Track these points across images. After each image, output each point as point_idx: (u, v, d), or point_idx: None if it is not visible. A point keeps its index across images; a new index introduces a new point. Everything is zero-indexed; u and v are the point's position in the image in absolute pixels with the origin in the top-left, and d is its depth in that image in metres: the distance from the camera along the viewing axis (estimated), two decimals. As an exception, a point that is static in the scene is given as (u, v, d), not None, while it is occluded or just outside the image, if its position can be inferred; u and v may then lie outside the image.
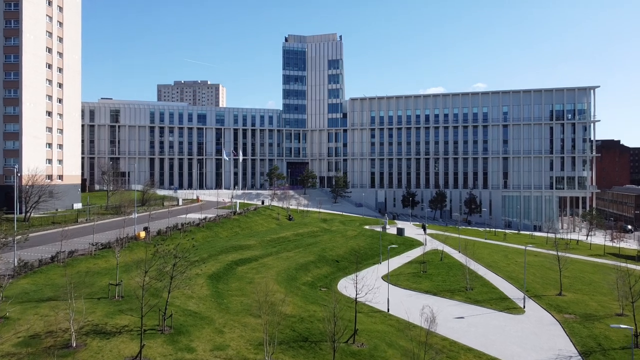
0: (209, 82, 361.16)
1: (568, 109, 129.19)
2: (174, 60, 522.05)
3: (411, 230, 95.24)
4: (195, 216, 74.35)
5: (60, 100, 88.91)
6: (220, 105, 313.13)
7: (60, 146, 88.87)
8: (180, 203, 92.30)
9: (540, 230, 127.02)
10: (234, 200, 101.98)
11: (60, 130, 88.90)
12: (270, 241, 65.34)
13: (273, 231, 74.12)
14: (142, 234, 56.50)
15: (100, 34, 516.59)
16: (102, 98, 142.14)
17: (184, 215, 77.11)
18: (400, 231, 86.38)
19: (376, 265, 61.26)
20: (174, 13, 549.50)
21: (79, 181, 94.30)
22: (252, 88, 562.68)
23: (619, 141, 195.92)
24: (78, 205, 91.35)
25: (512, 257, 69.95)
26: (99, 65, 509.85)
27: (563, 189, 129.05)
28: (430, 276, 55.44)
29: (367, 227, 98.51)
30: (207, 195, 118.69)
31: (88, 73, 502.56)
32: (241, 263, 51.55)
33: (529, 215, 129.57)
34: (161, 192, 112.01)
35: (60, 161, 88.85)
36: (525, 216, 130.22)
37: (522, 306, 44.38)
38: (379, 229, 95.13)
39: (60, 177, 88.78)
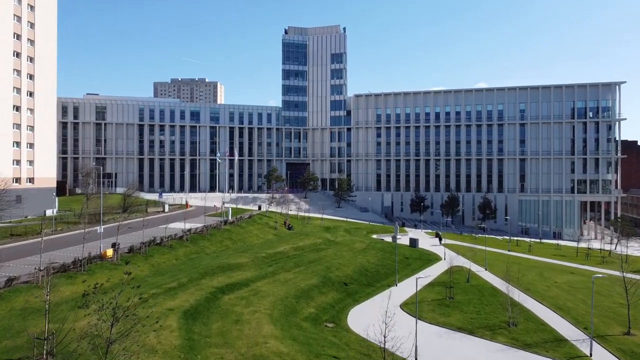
0: (206, 80, 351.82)
1: (591, 107, 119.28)
2: (170, 59, 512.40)
3: (425, 240, 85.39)
4: (180, 226, 64.50)
5: (31, 94, 79.05)
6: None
7: (31, 145, 79.01)
8: (167, 209, 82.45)
9: (560, 237, 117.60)
10: (227, 206, 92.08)
11: (31, 128, 79.04)
12: (266, 258, 55.45)
13: (269, 244, 64.23)
14: (109, 252, 46.60)
15: (94, 31, 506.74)
16: (87, 94, 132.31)
17: (168, 226, 67.18)
18: (413, 242, 76.58)
19: (391, 289, 51.32)
20: (169, 7, 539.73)
21: (53, 184, 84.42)
22: (252, 87, 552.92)
23: (636, 142, 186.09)
24: (51, 212, 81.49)
25: (548, 275, 60.02)
26: (94, 63, 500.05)
27: (585, 192, 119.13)
28: (459, 305, 45.53)
29: (375, 236, 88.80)
30: (199, 199, 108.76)
31: (83, 71, 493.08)
32: (228, 290, 41.67)
33: (548, 221, 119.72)
34: (148, 196, 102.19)
35: (31, 162, 79.00)
36: (544, 222, 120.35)
37: (587, 353, 34.47)
38: (388, 238, 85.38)
39: (31, 180, 78.95)
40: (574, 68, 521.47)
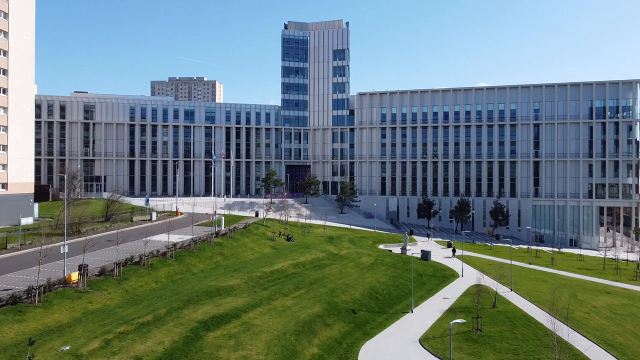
0: (205, 79, 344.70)
1: (610, 106, 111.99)
2: (168, 57, 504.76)
3: (437, 250, 78.17)
4: (165, 239, 57.28)
5: (4, 91, 71.83)
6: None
7: (4, 147, 71.79)
8: (154, 218, 75.16)
9: (577, 245, 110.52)
10: (220, 213, 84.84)
11: (5, 128, 71.81)
12: (261, 278, 48.24)
13: (266, 260, 56.99)
14: (74, 277, 39.36)
15: (92, 30, 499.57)
16: (75, 91, 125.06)
17: (152, 238, 59.94)
18: (425, 255, 69.29)
19: (406, 316, 44.17)
20: (166, 4, 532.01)
21: (31, 190, 77.17)
22: (252, 87, 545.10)
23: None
24: (28, 220, 74.29)
25: (583, 297, 52.76)
26: (92, 63, 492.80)
27: (604, 197, 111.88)
28: (489, 340, 38.35)
29: (382, 246, 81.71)
30: (192, 205, 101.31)
31: (79, 70, 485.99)
32: (214, 325, 34.49)
33: (564, 228, 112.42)
34: (137, 201, 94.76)
35: (4, 166, 71.78)
36: (559, 229, 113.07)
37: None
38: (396, 249, 78.27)
39: (4, 185, 71.73)
40: (591, 66, 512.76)
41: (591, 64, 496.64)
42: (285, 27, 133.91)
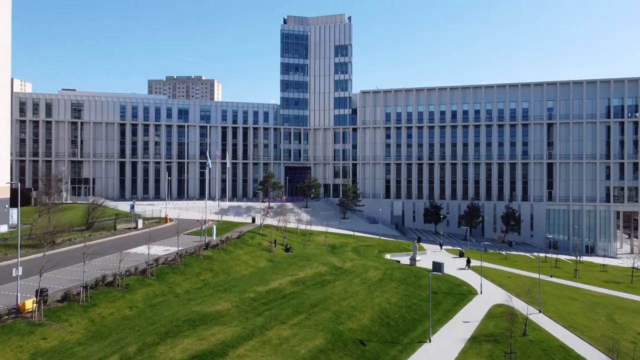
0: (203, 78, 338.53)
1: (629, 104, 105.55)
2: (166, 56, 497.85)
3: (448, 261, 71.77)
4: (152, 249, 50.82)
5: (-25, 86, 65.48)
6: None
7: (-25, 148, 65.45)
8: (141, 225, 68.69)
9: (593, 252, 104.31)
10: (213, 220, 78.51)
11: (-25, 127, 65.46)
12: (255, 300, 41.84)
13: (261, 276, 50.58)
14: (29, 304, 32.94)
15: (88, 28, 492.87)
16: (63, 89, 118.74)
17: (133, 251, 53.61)
18: (437, 267, 62.75)
19: (424, 347, 37.82)
20: (162, 1, 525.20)
21: (6, 195, 70.78)
22: (252, 87, 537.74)
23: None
24: (3, 228, 67.94)
25: (622, 321, 46.39)
26: (89, 62, 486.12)
27: (622, 202, 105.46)
28: (527, 382, 32.00)
29: (388, 256, 75.43)
30: (184, 209, 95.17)
31: (76, 69, 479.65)
32: (194, 368, 28.11)
33: (580, 234, 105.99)
34: (125, 206, 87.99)
35: (-25, 169, 65.43)
36: (574, 234, 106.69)
37: None
38: (405, 259, 72.03)
39: (-25, 190, 65.38)
40: (605, 63, 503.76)
41: (605, 61, 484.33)
42: (285, 21, 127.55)
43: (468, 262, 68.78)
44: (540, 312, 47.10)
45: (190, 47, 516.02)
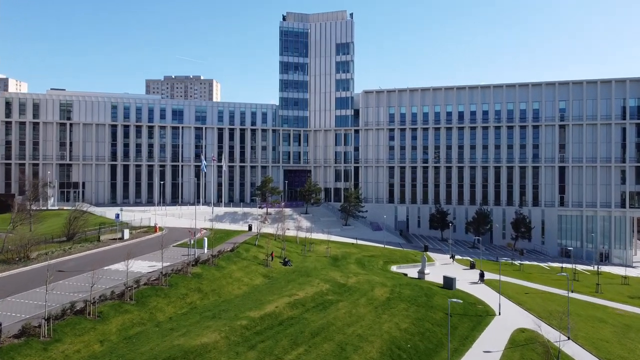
0: (202, 78, 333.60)
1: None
2: (164, 56, 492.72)
3: (460, 273, 66.57)
4: (135, 266, 45.63)
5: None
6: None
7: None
8: (127, 236, 63.47)
9: (608, 260, 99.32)
10: (207, 228, 73.32)
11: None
12: (248, 329, 36.61)
13: (256, 297, 45.35)
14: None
15: (83, 27, 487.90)
16: (52, 88, 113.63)
17: (113, 267, 48.40)
18: (449, 282, 57.92)
19: (443, 387, 32.66)
20: (161, 3, 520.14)
21: (-18, 202, 65.59)
22: (251, 85, 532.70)
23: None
24: (-23, 239, 62.60)
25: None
26: (86, 61, 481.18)
27: (639, 207, 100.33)
28: None
29: (394, 268, 70.28)
30: (177, 217, 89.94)
31: (72, 68, 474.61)
32: None
33: (594, 241, 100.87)
34: (113, 213, 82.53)
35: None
36: (588, 241, 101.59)
37: None
38: (412, 272, 66.93)
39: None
40: (621, 62, 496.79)
41: (620, 60, 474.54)
42: (284, 18, 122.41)
43: (482, 276, 63.57)
44: (569, 338, 41.93)
45: (188, 46, 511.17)
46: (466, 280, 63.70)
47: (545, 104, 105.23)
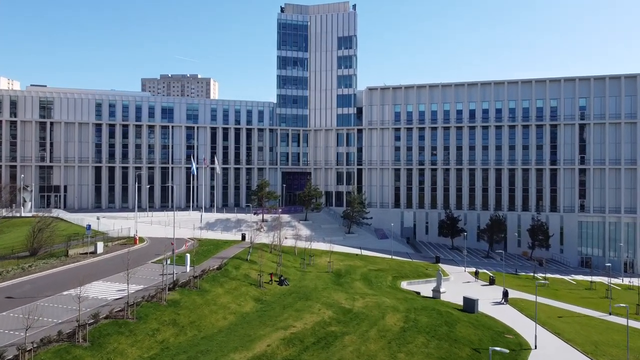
0: (199, 76, 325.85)
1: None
2: (160, 53, 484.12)
3: (479, 290, 58.80)
4: (108, 288, 37.74)
5: None
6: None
7: None
8: (100, 250, 55.52)
9: (633, 269, 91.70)
10: (195, 238, 65.44)
11: None
12: (230, 380, 28.70)
13: (244, 331, 37.39)
14: None
15: (81, 26, 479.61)
16: (32, 85, 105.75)
17: (76, 292, 40.42)
18: (470, 305, 50.08)
19: None
20: (157, 1, 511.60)
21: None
22: (251, 84, 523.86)
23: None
24: None
25: None
26: (84, 60, 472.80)
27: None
28: None
29: (405, 284, 62.52)
30: (164, 225, 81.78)
31: (69, 68, 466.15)
32: None
33: (618, 249, 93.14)
34: (94, 220, 74.43)
35: None
36: (611, 249, 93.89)
37: None
38: (426, 288, 59.17)
39: None
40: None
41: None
42: (282, 9, 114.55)
43: (505, 294, 55.75)
44: (629, 386, 34.11)
45: (185, 44, 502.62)
46: (487, 299, 55.86)
47: (564, 101, 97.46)
